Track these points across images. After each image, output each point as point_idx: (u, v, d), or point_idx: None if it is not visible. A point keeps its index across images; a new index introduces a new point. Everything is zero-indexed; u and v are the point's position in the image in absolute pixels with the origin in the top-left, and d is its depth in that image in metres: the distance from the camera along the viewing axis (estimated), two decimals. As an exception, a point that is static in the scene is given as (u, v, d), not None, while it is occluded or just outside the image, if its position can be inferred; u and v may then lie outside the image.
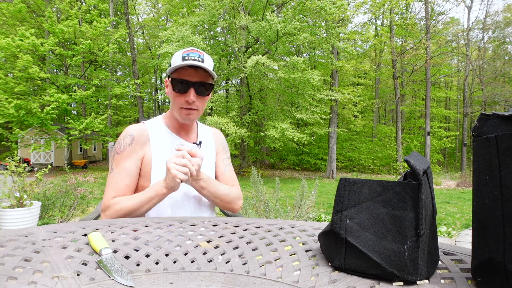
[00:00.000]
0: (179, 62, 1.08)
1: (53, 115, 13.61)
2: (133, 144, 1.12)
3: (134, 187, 1.12)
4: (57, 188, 4.48)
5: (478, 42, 25.43)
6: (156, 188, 1.03)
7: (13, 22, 14.91)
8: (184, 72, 1.10)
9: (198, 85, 1.11)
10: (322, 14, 13.98)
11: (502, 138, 0.45)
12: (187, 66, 1.09)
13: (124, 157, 1.12)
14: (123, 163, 1.11)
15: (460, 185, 12.84)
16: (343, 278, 0.54)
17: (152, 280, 0.53)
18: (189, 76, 1.10)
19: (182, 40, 12.84)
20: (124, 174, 1.10)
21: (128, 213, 1.03)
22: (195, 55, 1.09)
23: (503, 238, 0.45)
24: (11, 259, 0.58)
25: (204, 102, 1.17)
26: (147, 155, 1.14)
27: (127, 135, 1.14)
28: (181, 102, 1.12)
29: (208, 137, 1.30)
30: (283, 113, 15.62)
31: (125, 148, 1.12)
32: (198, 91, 1.11)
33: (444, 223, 5.46)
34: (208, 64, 1.11)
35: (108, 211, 1.06)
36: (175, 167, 0.97)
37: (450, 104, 31.93)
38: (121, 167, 1.11)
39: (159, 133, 1.18)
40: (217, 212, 4.05)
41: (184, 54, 1.10)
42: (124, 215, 1.03)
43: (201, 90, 1.12)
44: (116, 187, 1.09)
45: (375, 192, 0.55)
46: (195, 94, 1.11)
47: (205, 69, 1.10)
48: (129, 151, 1.12)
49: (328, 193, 9.44)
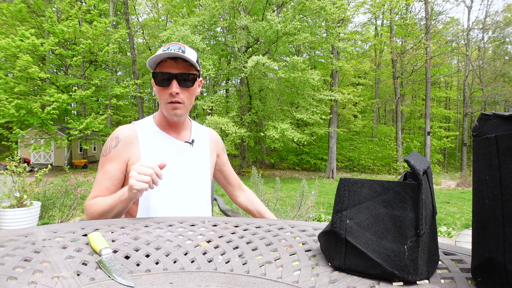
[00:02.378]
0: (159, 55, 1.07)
1: (54, 115, 13.62)
2: (117, 147, 1.11)
3: (115, 190, 1.10)
4: (57, 188, 4.49)
5: (478, 42, 25.44)
6: (120, 193, 1.00)
7: (13, 22, 14.90)
8: (165, 64, 1.09)
9: (180, 77, 1.09)
10: (322, 14, 13.98)
11: (502, 138, 0.45)
12: (167, 58, 1.08)
13: (108, 160, 1.11)
14: (107, 165, 1.11)
15: (460, 185, 12.84)
16: (343, 278, 0.54)
17: (152, 280, 0.53)
18: (169, 68, 1.08)
19: (182, 40, 12.85)
20: (106, 177, 1.11)
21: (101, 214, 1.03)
22: (175, 47, 1.08)
23: (503, 238, 0.45)
24: (11, 259, 0.58)
25: (190, 95, 1.14)
26: (134, 157, 1.12)
27: (113, 138, 1.13)
28: (165, 96, 1.11)
29: (203, 137, 1.28)
30: (283, 113, 15.62)
31: (110, 151, 1.12)
32: (181, 83, 1.09)
33: (444, 223, 5.47)
34: (189, 54, 1.09)
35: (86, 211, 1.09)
36: (136, 177, 0.91)
37: (450, 104, 31.93)
38: (105, 169, 1.11)
39: (149, 133, 1.16)
40: (216, 212, 4.04)
41: (164, 48, 1.09)
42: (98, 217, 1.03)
43: (184, 82, 1.09)
44: (97, 189, 1.11)
45: (375, 192, 0.55)
46: (178, 85, 1.09)
47: (185, 58, 1.08)
48: (114, 154, 1.11)
49: (328, 193, 9.44)
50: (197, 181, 1.19)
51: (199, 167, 1.21)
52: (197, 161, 1.21)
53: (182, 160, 1.17)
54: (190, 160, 1.19)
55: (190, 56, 1.08)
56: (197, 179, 1.20)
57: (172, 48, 1.07)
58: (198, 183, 1.20)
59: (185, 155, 1.19)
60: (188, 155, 1.19)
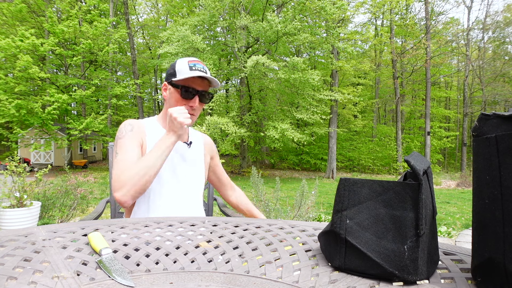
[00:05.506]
0: (186, 70, 1.19)
1: (54, 115, 13.62)
2: (133, 131, 1.19)
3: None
4: (57, 188, 4.48)
5: (478, 42, 25.45)
6: (161, 142, 1.10)
7: (13, 22, 14.90)
8: (192, 80, 1.21)
9: (202, 94, 1.23)
10: (322, 14, 13.98)
11: (502, 138, 0.45)
12: (197, 76, 1.20)
13: (127, 139, 1.17)
14: (127, 144, 1.15)
15: (460, 185, 12.84)
16: (343, 278, 0.54)
17: (152, 280, 0.53)
18: (196, 84, 1.22)
19: (182, 40, 12.84)
20: (130, 152, 1.13)
21: (143, 171, 1.05)
22: (200, 66, 1.22)
23: (503, 238, 0.45)
24: (11, 259, 0.58)
25: (201, 109, 1.29)
26: (144, 146, 1.20)
27: (127, 124, 1.22)
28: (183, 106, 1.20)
29: (198, 141, 1.39)
30: (283, 113, 15.61)
31: (127, 133, 1.19)
32: (201, 99, 1.24)
33: (444, 223, 5.46)
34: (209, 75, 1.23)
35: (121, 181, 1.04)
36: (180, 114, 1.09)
37: (450, 104, 31.93)
38: (125, 147, 1.14)
39: (154, 129, 1.26)
40: (217, 212, 4.05)
41: (190, 64, 1.21)
42: (141, 177, 1.04)
43: (203, 98, 1.25)
44: (123, 165, 1.09)
45: (375, 192, 0.55)
46: (199, 101, 1.23)
47: (210, 80, 1.23)
48: (131, 135, 1.18)
49: (328, 193, 9.44)
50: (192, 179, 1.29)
51: (194, 167, 1.31)
52: (192, 161, 1.31)
53: (179, 159, 1.26)
54: (186, 159, 1.28)
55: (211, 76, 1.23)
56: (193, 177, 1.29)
57: (199, 67, 1.21)
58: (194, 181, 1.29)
59: (183, 155, 1.28)
60: (186, 155, 1.29)
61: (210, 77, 1.21)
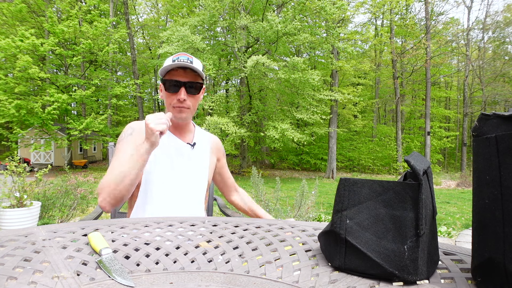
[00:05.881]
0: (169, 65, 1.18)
1: (54, 115, 13.61)
2: (133, 135, 1.21)
3: None
4: (57, 188, 4.48)
5: (478, 42, 25.45)
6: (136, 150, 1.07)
7: (13, 22, 14.90)
8: (175, 73, 1.20)
9: (188, 85, 1.20)
10: (322, 14, 13.98)
11: (502, 138, 0.45)
12: (177, 67, 1.19)
13: (124, 143, 1.19)
14: (123, 148, 1.17)
15: (460, 185, 12.83)
16: (343, 278, 0.54)
17: (152, 280, 0.53)
18: (179, 76, 1.19)
19: (182, 40, 12.83)
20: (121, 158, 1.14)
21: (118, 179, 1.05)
22: (184, 58, 1.19)
23: (503, 238, 0.45)
24: (11, 259, 0.58)
25: (195, 101, 1.26)
26: None
27: (128, 128, 1.24)
28: (173, 101, 1.21)
29: (205, 142, 1.36)
30: (283, 113, 15.60)
31: (125, 137, 1.21)
32: (189, 90, 1.21)
33: (444, 223, 5.46)
34: (196, 65, 1.20)
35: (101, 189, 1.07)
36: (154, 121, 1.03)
37: (450, 104, 31.92)
38: (121, 152, 1.16)
39: None
40: (217, 212, 4.05)
41: (174, 58, 1.20)
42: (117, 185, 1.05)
43: (191, 89, 1.21)
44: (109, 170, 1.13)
45: (375, 192, 0.55)
46: (186, 93, 1.20)
47: (194, 69, 1.19)
48: (129, 139, 1.20)
49: (328, 193, 9.43)
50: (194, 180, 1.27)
51: (196, 168, 1.28)
52: (195, 163, 1.28)
53: (181, 160, 1.25)
54: (189, 160, 1.26)
55: (197, 67, 1.20)
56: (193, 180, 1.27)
57: (182, 59, 1.19)
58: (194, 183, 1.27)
59: (185, 155, 1.26)
60: (188, 156, 1.27)
61: (191, 65, 1.17)
